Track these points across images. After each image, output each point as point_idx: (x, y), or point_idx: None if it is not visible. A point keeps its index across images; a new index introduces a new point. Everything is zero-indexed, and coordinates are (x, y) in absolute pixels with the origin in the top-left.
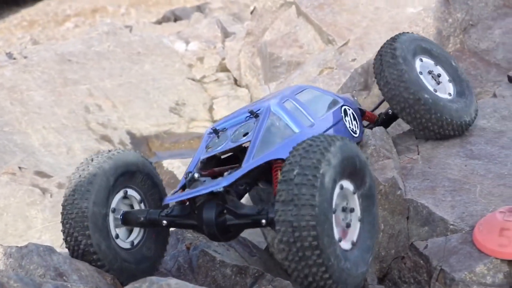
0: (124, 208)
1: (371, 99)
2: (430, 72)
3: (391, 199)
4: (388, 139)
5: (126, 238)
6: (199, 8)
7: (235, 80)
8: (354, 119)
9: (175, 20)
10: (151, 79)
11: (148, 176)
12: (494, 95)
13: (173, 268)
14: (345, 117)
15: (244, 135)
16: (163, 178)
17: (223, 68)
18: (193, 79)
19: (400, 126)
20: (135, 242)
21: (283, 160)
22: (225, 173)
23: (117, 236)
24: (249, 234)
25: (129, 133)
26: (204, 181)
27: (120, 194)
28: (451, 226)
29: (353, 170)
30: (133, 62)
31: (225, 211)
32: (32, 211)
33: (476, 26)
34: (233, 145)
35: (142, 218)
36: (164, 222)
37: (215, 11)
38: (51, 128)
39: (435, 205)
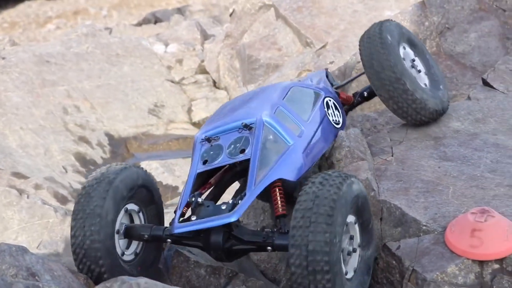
0: (124, 220)
1: None
2: (411, 61)
3: None
4: (362, 140)
5: (127, 249)
6: (180, 11)
7: (214, 82)
8: (336, 108)
9: (156, 22)
10: (130, 80)
11: (148, 190)
12: (469, 98)
13: None
14: (327, 110)
15: (241, 151)
16: None
17: (202, 70)
18: (172, 81)
19: (375, 128)
20: (138, 251)
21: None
22: (230, 200)
23: (122, 254)
24: None
25: (107, 134)
26: (208, 206)
27: (123, 211)
28: (424, 227)
29: (359, 206)
30: (112, 63)
31: (231, 237)
32: (8, 212)
33: (452, 29)
34: (230, 161)
35: (146, 236)
36: (169, 240)
37: (195, 13)
38: (29, 129)
39: (408, 206)
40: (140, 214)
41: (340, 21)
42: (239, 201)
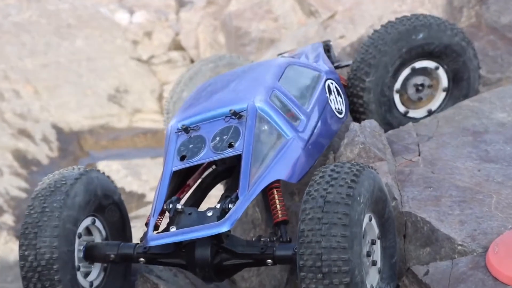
0: (83, 238)
1: None
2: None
3: None
4: (380, 135)
5: (84, 277)
6: None
7: (192, 61)
8: (338, 93)
9: None
10: (85, 58)
11: (114, 203)
12: None
13: None
14: (329, 96)
15: (230, 145)
16: None
17: (177, 46)
18: (139, 60)
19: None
20: (94, 284)
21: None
22: (217, 204)
23: (85, 276)
24: None
25: (55, 127)
26: (190, 213)
27: (83, 226)
28: (459, 247)
29: (377, 201)
30: (62, 36)
31: (220, 250)
32: None
33: None
34: (216, 156)
35: (112, 255)
36: (142, 260)
37: None
38: None
39: (440, 220)
40: (103, 231)
41: None
42: (230, 206)
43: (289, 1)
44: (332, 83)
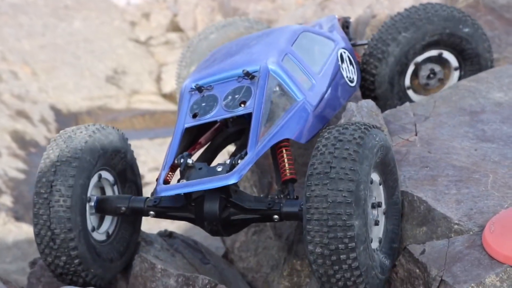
0: (95, 192)
1: None
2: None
3: None
4: (377, 115)
5: (98, 228)
6: None
7: None
8: (351, 63)
9: None
10: (83, 39)
11: (125, 157)
12: None
13: None
14: (342, 64)
15: (241, 103)
16: None
17: (175, 27)
18: (137, 41)
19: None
20: (110, 232)
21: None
22: (227, 160)
23: (93, 229)
24: (204, 238)
25: (53, 108)
26: (201, 168)
27: (95, 178)
28: (456, 226)
29: (383, 161)
30: (60, 18)
31: (229, 205)
32: None
33: None
34: (227, 114)
35: (123, 208)
36: (152, 213)
37: None
38: None
39: (436, 199)
40: (115, 187)
41: None
42: (239, 161)
43: None
44: (345, 52)
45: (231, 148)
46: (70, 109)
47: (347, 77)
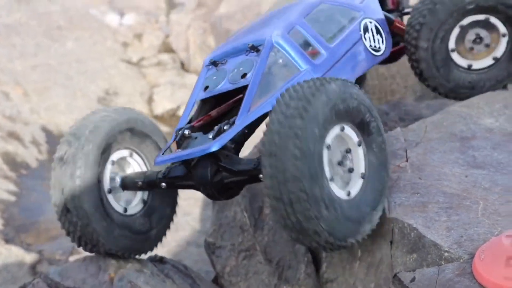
0: (114, 171)
1: None
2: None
3: None
4: None
5: (131, 203)
6: None
7: (182, 64)
8: (378, 32)
9: None
10: (75, 60)
11: (153, 141)
12: (505, 87)
13: None
14: (364, 34)
15: (243, 76)
16: None
17: (167, 48)
18: (129, 62)
19: (386, 124)
20: (145, 198)
21: None
22: (216, 127)
23: (125, 210)
24: (194, 262)
25: (44, 129)
26: (196, 137)
27: (109, 165)
28: (446, 253)
29: (351, 115)
30: (52, 38)
31: (220, 169)
32: None
33: None
34: (231, 86)
35: (140, 182)
36: (163, 184)
37: None
38: None
39: (426, 226)
40: (134, 156)
41: None
42: (225, 128)
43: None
44: (371, 22)
45: None
46: (62, 131)
47: (370, 46)
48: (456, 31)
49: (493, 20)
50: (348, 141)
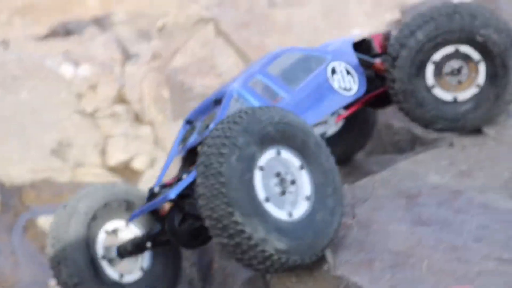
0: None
1: None
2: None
3: (316, 276)
4: None
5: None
6: (98, 21)
7: (136, 116)
8: (349, 73)
9: (66, 34)
10: (29, 111)
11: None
12: (451, 144)
13: None
14: (332, 76)
15: (206, 127)
16: (39, 240)
17: (122, 100)
18: (83, 113)
19: None
20: (144, 266)
21: None
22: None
23: (121, 276)
24: None
25: None
26: (163, 192)
27: (103, 233)
28: None
29: (285, 139)
30: (7, 88)
31: (186, 217)
32: None
33: None
34: (199, 138)
35: (129, 248)
36: (148, 244)
37: (117, 25)
38: None
39: (371, 283)
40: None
41: (297, 40)
42: (184, 177)
43: (233, 57)
44: (339, 65)
45: None
46: (14, 182)
47: (339, 87)
48: (430, 67)
49: (463, 49)
50: (288, 165)
